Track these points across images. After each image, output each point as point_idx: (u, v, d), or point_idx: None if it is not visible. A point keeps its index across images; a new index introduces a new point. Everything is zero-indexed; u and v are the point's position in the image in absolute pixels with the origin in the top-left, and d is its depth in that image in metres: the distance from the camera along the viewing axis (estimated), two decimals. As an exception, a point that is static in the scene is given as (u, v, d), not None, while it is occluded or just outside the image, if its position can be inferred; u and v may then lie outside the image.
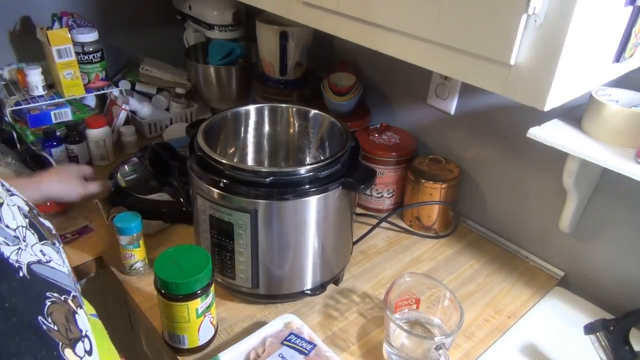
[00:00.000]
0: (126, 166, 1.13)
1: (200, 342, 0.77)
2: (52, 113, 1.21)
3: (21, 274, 0.39)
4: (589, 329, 0.72)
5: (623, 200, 0.85)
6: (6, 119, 1.16)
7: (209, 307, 0.74)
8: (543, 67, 0.53)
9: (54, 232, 0.51)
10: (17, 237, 0.41)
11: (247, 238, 0.78)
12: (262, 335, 0.78)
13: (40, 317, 0.39)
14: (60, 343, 0.40)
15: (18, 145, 1.14)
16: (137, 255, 0.90)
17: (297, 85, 1.27)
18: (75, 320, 0.43)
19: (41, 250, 0.44)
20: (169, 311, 0.72)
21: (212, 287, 0.74)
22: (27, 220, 0.45)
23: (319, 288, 0.87)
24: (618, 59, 0.62)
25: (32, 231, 0.45)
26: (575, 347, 0.80)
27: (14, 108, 1.17)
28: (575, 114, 0.78)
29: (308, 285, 0.86)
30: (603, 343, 0.71)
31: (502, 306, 0.91)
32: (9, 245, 0.40)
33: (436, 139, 1.13)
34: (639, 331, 0.77)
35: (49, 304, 0.40)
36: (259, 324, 0.83)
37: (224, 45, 1.36)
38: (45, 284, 0.42)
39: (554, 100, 0.54)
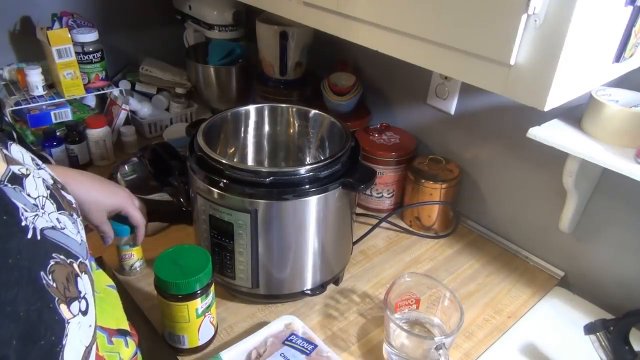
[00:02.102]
0: (126, 166, 1.13)
1: (200, 342, 0.77)
2: (52, 113, 1.21)
3: (30, 235, 0.43)
4: (589, 329, 0.72)
5: (623, 200, 0.85)
6: (6, 119, 1.16)
7: (209, 307, 0.74)
8: (543, 67, 0.53)
9: (74, 205, 0.55)
10: (36, 205, 0.46)
11: (247, 238, 0.78)
12: (264, 335, 0.78)
13: (42, 273, 0.42)
14: (57, 298, 0.43)
15: (18, 145, 1.14)
16: (135, 255, 0.90)
17: (297, 85, 1.27)
18: (75, 282, 0.46)
19: (57, 219, 0.48)
20: (169, 311, 0.72)
21: (212, 287, 0.74)
22: (48, 191, 0.50)
23: (319, 288, 0.87)
24: (618, 59, 0.62)
25: (52, 201, 0.49)
26: (575, 347, 0.80)
27: (14, 108, 1.17)
28: (575, 114, 0.78)
29: (308, 285, 0.86)
30: (603, 343, 0.71)
31: (502, 306, 0.91)
32: (27, 211, 0.44)
33: (436, 139, 1.13)
34: (639, 331, 0.77)
35: (52, 263, 0.44)
36: (259, 324, 0.83)
37: (224, 45, 1.36)
38: (54, 246, 0.46)
39: (554, 100, 0.54)
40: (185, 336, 0.75)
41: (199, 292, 0.71)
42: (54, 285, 0.43)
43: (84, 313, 0.46)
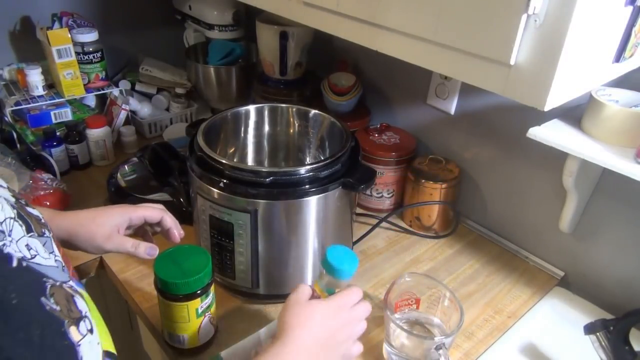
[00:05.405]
0: (126, 166, 1.13)
1: (200, 342, 0.76)
2: (52, 113, 1.21)
3: (15, 264, 0.40)
4: (589, 329, 0.72)
5: (623, 200, 0.85)
6: (6, 119, 1.16)
7: (209, 307, 0.74)
8: (543, 67, 0.53)
9: (42, 220, 0.50)
10: (3, 232, 0.41)
11: (247, 238, 0.78)
12: (264, 335, 0.78)
13: (43, 299, 0.40)
14: (66, 321, 0.41)
15: (18, 145, 1.14)
16: None
17: (297, 85, 1.27)
18: (75, 302, 0.44)
19: (27, 245, 0.43)
20: (169, 311, 0.72)
21: (212, 287, 0.74)
22: (15, 211, 0.44)
23: (319, 288, 0.87)
24: (618, 59, 0.62)
25: (20, 222, 0.44)
26: (575, 347, 0.80)
27: (14, 108, 1.17)
28: (575, 114, 0.78)
29: (308, 285, 0.86)
30: (603, 343, 0.71)
31: (502, 306, 0.91)
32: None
33: (436, 139, 1.13)
34: (639, 331, 0.77)
35: (49, 286, 0.42)
36: (259, 324, 0.83)
37: (224, 45, 1.36)
38: (39, 272, 0.43)
39: (554, 100, 0.54)
40: (185, 336, 0.75)
41: (199, 292, 0.71)
42: (59, 308, 0.41)
43: (91, 332, 0.45)
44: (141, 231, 0.79)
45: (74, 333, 0.41)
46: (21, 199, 0.50)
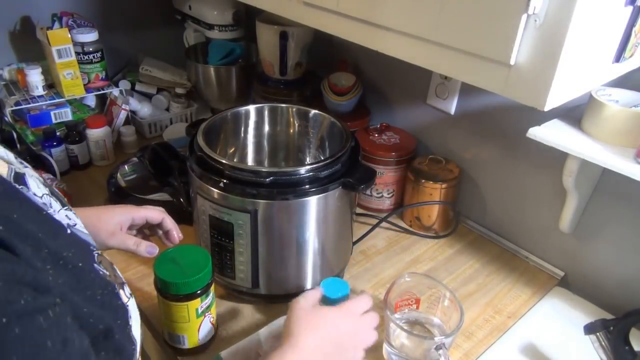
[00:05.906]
0: (126, 166, 1.13)
1: (200, 342, 0.76)
2: (52, 113, 1.21)
3: (69, 231, 0.43)
4: (589, 329, 0.72)
5: (623, 200, 0.85)
6: (6, 119, 1.16)
7: (209, 307, 0.74)
8: (543, 67, 0.53)
9: (65, 199, 0.54)
10: (45, 204, 0.43)
11: (247, 238, 0.78)
12: (264, 335, 0.78)
13: (95, 265, 0.44)
14: (116, 284, 0.45)
15: (18, 145, 1.14)
16: None
17: (297, 85, 1.27)
18: (115, 269, 0.49)
19: (66, 215, 0.46)
20: (169, 311, 0.72)
21: (212, 287, 0.74)
22: (47, 189, 0.47)
23: (319, 288, 0.87)
24: (618, 59, 0.62)
25: (55, 198, 0.46)
26: (575, 347, 0.80)
27: (14, 108, 1.17)
28: (575, 114, 0.78)
29: (308, 285, 0.86)
30: (603, 343, 0.71)
31: (502, 306, 0.91)
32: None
33: (436, 139, 1.13)
34: (639, 331, 0.77)
35: (96, 254, 0.46)
36: (259, 324, 0.83)
37: (224, 45, 1.36)
38: (85, 240, 0.46)
39: (554, 100, 0.54)
40: (185, 336, 0.75)
41: (199, 292, 0.71)
42: (108, 273, 0.45)
43: (132, 296, 0.49)
44: (140, 234, 0.79)
45: (123, 295, 0.45)
46: (47, 179, 0.53)
